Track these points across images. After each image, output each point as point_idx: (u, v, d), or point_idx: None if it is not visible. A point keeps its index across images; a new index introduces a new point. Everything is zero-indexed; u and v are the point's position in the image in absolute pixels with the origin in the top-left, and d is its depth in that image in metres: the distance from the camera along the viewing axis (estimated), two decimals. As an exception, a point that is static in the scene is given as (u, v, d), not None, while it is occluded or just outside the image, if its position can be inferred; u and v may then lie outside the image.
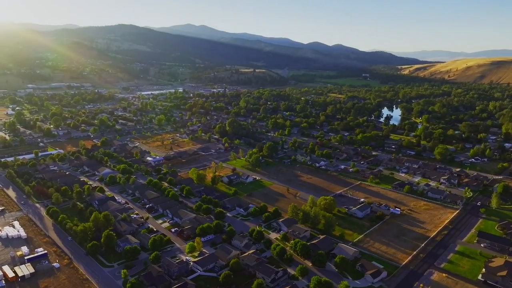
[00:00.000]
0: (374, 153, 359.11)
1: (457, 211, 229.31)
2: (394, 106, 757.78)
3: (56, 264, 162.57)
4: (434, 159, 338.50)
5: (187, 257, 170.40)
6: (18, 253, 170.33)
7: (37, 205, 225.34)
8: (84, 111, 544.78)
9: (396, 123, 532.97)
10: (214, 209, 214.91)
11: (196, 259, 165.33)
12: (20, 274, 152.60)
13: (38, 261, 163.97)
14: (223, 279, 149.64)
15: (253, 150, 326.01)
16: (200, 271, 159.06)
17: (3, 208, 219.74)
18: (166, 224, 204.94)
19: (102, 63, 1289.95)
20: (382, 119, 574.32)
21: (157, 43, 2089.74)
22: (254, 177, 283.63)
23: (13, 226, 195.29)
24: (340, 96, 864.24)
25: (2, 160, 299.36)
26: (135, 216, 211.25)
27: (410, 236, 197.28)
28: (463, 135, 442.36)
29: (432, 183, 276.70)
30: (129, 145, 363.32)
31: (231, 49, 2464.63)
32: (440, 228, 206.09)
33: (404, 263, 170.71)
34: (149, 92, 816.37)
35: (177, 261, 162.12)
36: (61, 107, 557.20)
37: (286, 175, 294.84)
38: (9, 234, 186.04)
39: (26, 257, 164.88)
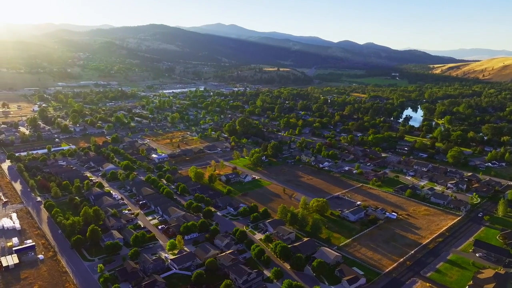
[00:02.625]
0: (383, 154, 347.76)
1: (459, 218, 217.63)
2: (418, 107, 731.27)
3: (40, 256, 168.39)
4: (446, 163, 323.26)
5: (166, 255, 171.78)
6: (8, 244, 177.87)
7: (39, 198, 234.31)
8: (104, 109, 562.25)
9: (417, 124, 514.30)
10: (206, 208, 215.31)
11: (173, 257, 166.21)
12: (4, 264, 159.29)
13: (25, 253, 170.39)
14: (195, 278, 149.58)
15: (256, 149, 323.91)
16: (176, 269, 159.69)
17: (6, 200, 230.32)
18: (155, 221, 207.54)
19: (130, 62, 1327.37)
20: (401, 120, 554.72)
21: (186, 43, 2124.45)
22: (254, 176, 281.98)
23: (11, 218, 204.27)
24: (362, 95, 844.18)
25: (16, 154, 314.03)
26: (126, 212, 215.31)
27: (401, 242, 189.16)
28: (485, 137, 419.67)
29: (438, 188, 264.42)
30: (139, 142, 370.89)
31: (259, 48, 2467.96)
32: (436, 235, 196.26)
33: (387, 270, 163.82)
34: (171, 91, 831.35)
35: (154, 258, 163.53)
36: (82, 104, 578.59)
37: (287, 175, 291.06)
38: (5, 226, 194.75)
39: (14, 248, 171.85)
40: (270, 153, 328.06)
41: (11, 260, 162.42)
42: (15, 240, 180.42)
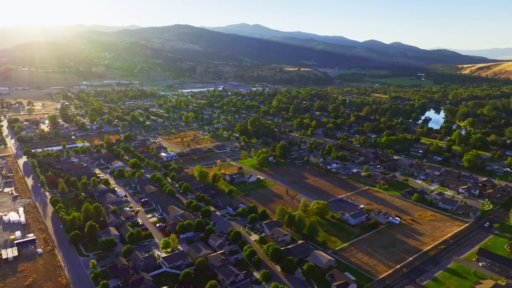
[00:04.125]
0: (395, 157, 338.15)
1: (466, 225, 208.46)
2: (441, 108, 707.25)
3: (39, 250, 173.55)
4: (461, 167, 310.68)
5: (159, 253, 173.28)
6: (11, 237, 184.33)
7: (47, 193, 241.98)
8: (122, 107, 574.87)
9: (437, 127, 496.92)
10: (204, 207, 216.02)
11: (165, 255, 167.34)
12: (4, 257, 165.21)
13: (25, 246, 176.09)
14: (183, 277, 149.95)
15: (263, 149, 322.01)
16: (166, 267, 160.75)
17: (17, 194, 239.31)
18: (154, 219, 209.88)
19: (153, 61, 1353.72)
20: (420, 122, 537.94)
21: (210, 43, 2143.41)
22: (258, 177, 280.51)
23: (17, 212, 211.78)
24: (383, 96, 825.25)
25: (33, 150, 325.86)
26: (127, 209, 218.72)
27: (400, 248, 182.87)
28: (507, 141, 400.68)
29: (449, 193, 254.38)
30: (150, 140, 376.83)
31: (282, 48, 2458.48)
32: (439, 242, 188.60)
33: (381, 276, 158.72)
34: (190, 90, 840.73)
35: (145, 255, 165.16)
36: (102, 103, 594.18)
37: (293, 176, 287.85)
38: (11, 219, 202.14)
39: (15, 241, 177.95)
40: (278, 153, 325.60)
41: (10, 252, 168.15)
42: (17, 233, 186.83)
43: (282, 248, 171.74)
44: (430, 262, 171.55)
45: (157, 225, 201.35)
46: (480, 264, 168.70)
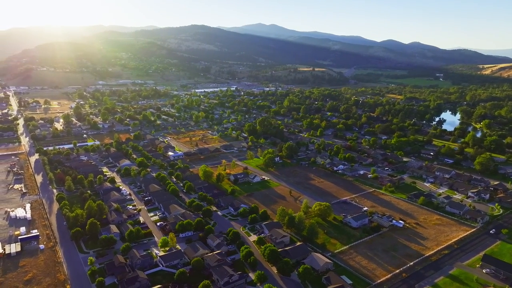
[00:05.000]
0: (405, 159, 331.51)
1: (473, 230, 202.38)
2: (458, 110, 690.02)
3: (41, 246, 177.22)
4: (473, 170, 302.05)
5: (157, 251, 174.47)
6: (16, 232, 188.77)
7: (54, 191, 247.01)
8: (135, 107, 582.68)
9: (452, 128, 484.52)
10: (205, 207, 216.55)
11: (162, 254, 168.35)
12: (7, 252, 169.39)
13: (29, 242, 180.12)
14: (178, 276, 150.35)
15: (269, 149, 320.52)
16: (163, 266, 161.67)
17: (25, 191, 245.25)
18: (156, 218, 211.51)
19: (169, 61, 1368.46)
20: (434, 123, 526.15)
21: (225, 43, 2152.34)
22: (263, 177, 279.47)
23: (24, 208, 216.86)
24: (398, 97, 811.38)
25: (45, 148, 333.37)
26: (130, 207, 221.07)
27: (402, 252, 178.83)
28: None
29: (458, 196, 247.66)
30: (159, 140, 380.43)
31: (298, 48, 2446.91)
32: (442, 247, 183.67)
33: (379, 281, 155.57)
34: (203, 90, 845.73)
35: (142, 254, 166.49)
36: (115, 102, 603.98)
37: (298, 177, 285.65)
38: (18, 215, 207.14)
39: (19, 237, 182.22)
40: (284, 154, 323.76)
41: (14, 248, 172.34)
42: (22, 229, 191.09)
43: (279, 250, 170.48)
44: (431, 267, 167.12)
45: (158, 223, 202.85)
46: (484, 270, 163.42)
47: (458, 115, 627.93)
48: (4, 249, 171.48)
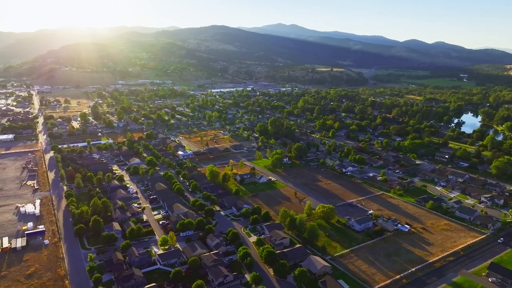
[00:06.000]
0: (418, 162, 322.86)
1: (483, 236, 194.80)
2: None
3: (46, 241, 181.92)
4: (489, 174, 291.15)
5: (156, 250, 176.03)
6: (24, 227, 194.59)
7: (65, 187, 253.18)
8: (151, 106, 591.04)
9: (471, 130, 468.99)
10: (208, 206, 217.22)
11: (160, 252, 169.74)
12: (13, 246, 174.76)
13: (34, 237, 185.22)
14: (173, 275, 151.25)
15: (277, 150, 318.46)
16: (160, 264, 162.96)
17: (37, 187, 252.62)
18: (159, 216, 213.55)
19: (187, 61, 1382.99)
20: (452, 125, 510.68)
21: (245, 43, 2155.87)
22: (270, 178, 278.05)
23: (34, 204, 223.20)
24: (417, 98, 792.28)
25: (60, 146, 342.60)
26: (135, 205, 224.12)
27: (404, 257, 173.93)
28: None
29: (469, 201, 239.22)
30: (170, 139, 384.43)
31: (318, 48, 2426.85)
32: (447, 253, 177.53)
33: (377, 286, 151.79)
34: (219, 90, 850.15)
35: (141, 252, 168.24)
36: (132, 101, 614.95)
37: (306, 178, 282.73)
38: (27, 211, 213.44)
39: (26, 232, 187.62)
40: (293, 155, 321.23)
41: (19, 242, 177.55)
42: (30, 224, 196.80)
43: (277, 252, 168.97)
44: (434, 274, 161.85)
45: (160, 222, 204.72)
46: (490, 279, 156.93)
47: (480, 117, 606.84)
48: (10, 243, 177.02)
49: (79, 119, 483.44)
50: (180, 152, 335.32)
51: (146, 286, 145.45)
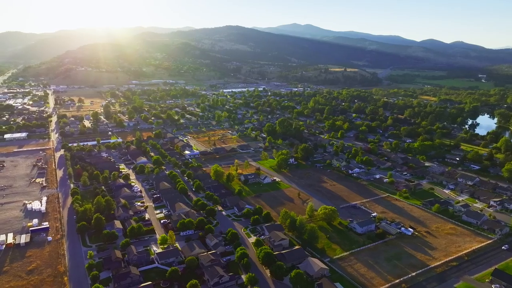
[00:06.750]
0: (427, 164, 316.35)
1: (489, 241, 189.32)
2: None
3: (49, 238, 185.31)
4: (501, 177, 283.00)
5: (156, 248, 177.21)
6: (29, 224, 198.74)
7: (72, 185, 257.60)
8: (162, 106, 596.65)
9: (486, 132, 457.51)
10: (209, 206, 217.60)
11: (159, 251, 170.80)
12: (17, 242, 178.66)
13: (38, 233, 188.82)
14: (169, 274, 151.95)
15: (282, 151, 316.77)
16: (158, 263, 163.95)
17: (45, 185, 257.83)
18: (161, 215, 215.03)
19: (201, 62, 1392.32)
20: (466, 126, 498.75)
21: (259, 43, 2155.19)
22: (274, 178, 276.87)
23: (40, 201, 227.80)
24: (432, 98, 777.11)
25: (70, 144, 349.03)
26: (138, 204, 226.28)
27: (405, 261, 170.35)
28: None
29: (478, 205, 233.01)
30: (178, 138, 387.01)
31: (332, 48, 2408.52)
32: (450, 258, 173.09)
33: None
34: (230, 90, 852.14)
35: (140, 250, 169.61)
36: (144, 101, 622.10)
37: (311, 179, 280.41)
38: (33, 208, 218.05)
39: (31, 228, 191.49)
40: (299, 155, 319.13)
41: (23, 238, 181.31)
42: (35, 221, 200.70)
43: (275, 253, 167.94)
44: (435, 279, 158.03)
45: (162, 221, 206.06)
46: (493, 286, 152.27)
47: (496, 119, 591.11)
48: (15, 239, 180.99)
49: (91, 118, 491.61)
50: (186, 152, 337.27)
51: (142, 285, 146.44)
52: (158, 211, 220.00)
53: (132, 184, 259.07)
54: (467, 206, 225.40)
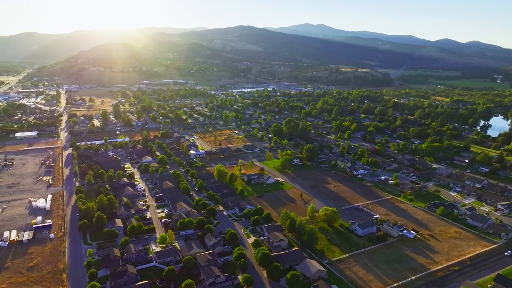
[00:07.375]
0: (435, 165, 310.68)
1: (494, 246, 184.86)
2: None
3: (51, 235, 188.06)
4: (511, 180, 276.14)
5: (155, 247, 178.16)
6: (32, 221, 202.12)
7: (77, 183, 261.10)
8: (171, 105, 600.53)
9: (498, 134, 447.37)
10: (210, 206, 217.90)
11: (157, 250, 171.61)
12: (20, 239, 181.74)
13: (41, 231, 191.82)
14: (166, 273, 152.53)
15: (287, 151, 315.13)
16: (156, 262, 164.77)
17: (51, 183, 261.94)
18: (162, 214, 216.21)
19: (211, 62, 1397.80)
20: (477, 128, 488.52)
21: (270, 43, 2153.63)
22: (278, 179, 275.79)
23: (46, 199, 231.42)
24: (444, 99, 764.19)
25: (78, 143, 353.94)
26: (141, 203, 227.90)
27: (406, 265, 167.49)
28: None
29: (485, 208, 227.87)
30: (185, 138, 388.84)
31: (344, 48, 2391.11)
32: (452, 262, 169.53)
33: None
34: (239, 90, 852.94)
35: (138, 249, 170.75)
36: (153, 101, 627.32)
37: (314, 180, 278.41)
38: (38, 205, 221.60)
39: (34, 226, 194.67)
40: (304, 156, 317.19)
41: (26, 235, 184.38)
42: (39, 218, 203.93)
43: (273, 254, 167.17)
44: (435, 283, 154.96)
45: (163, 220, 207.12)
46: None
47: (510, 120, 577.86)
48: (18, 236, 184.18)
49: (100, 117, 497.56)
50: (192, 151, 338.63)
51: (138, 283, 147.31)
52: (159, 210, 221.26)
53: (136, 183, 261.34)
54: (473, 209, 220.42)
